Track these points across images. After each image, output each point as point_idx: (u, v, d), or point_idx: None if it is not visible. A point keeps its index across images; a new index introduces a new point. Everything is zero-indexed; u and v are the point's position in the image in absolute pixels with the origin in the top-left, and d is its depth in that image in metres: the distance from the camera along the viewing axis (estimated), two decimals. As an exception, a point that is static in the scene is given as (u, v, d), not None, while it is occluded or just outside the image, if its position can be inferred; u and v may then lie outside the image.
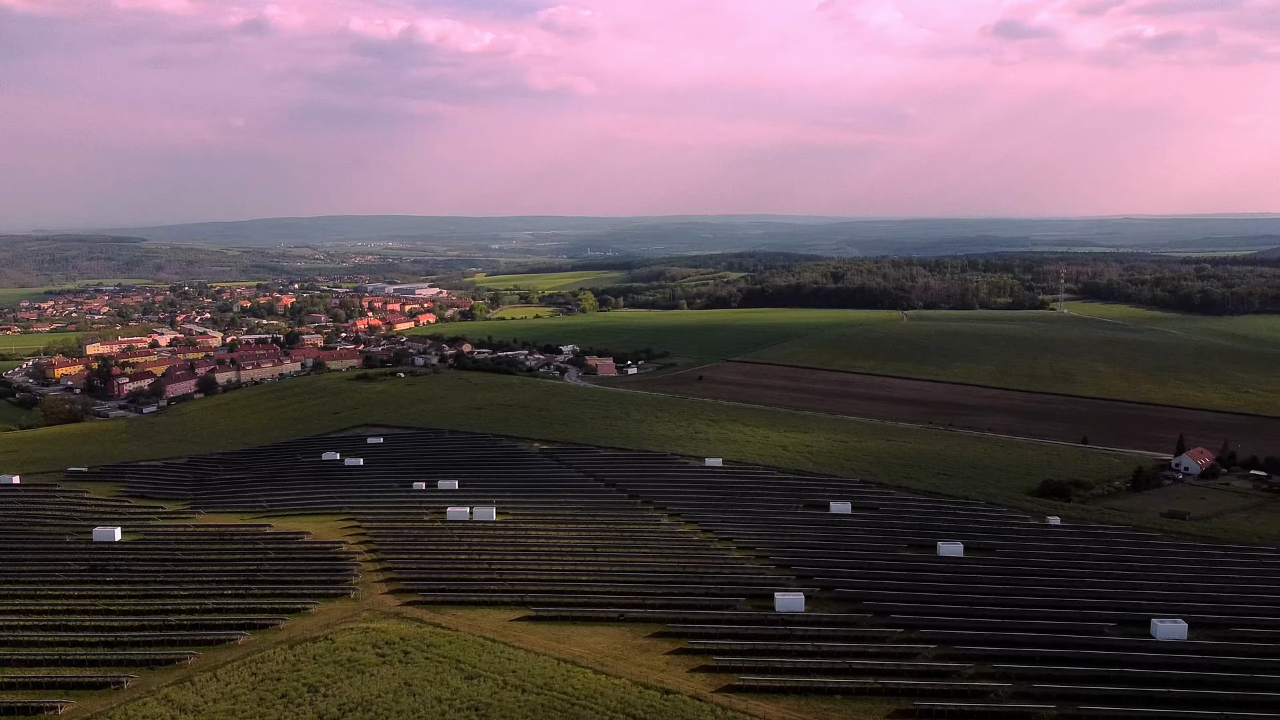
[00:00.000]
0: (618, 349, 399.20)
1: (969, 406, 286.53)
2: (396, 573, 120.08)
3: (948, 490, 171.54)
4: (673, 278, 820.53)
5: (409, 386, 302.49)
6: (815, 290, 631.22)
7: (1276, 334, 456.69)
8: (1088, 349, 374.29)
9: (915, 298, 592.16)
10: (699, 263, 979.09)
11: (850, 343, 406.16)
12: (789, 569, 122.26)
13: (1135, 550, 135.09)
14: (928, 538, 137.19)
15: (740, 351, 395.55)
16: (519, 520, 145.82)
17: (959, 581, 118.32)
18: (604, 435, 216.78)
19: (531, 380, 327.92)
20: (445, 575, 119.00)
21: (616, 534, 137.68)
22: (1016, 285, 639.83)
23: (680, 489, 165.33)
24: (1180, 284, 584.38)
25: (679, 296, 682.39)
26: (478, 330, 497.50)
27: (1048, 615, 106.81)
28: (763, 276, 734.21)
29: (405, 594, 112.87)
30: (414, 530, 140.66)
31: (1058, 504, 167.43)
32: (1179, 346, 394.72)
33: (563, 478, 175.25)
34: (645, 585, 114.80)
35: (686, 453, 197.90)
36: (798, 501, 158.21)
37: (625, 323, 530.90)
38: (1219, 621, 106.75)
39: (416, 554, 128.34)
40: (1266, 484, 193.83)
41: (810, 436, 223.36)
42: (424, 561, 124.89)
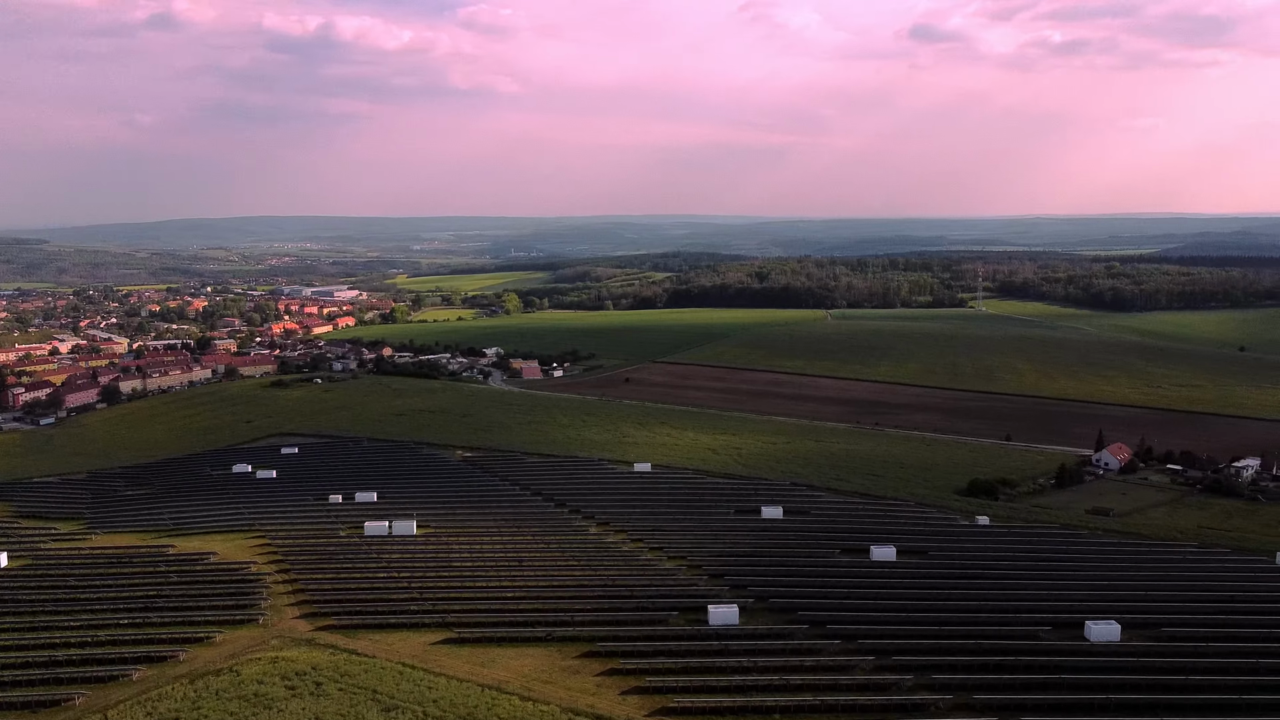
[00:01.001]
0: (543, 351, 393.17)
1: (895, 405, 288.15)
2: (309, 594, 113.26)
3: (878, 491, 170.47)
4: (598, 278, 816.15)
5: (326, 393, 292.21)
6: (741, 290, 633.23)
7: (1184, 330, 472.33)
8: (1007, 346, 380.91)
9: (839, 297, 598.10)
10: (624, 263, 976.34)
11: (777, 342, 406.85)
12: (722, 579, 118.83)
13: (1064, 549, 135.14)
14: (860, 542, 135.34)
15: (667, 352, 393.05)
16: (441, 534, 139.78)
17: (894, 587, 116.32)
18: (529, 441, 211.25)
19: (454, 384, 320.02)
20: (362, 596, 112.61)
21: (543, 546, 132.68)
22: (936, 284, 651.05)
23: (609, 496, 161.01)
24: (1092, 282, 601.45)
25: (604, 297, 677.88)
26: (399, 333, 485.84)
27: (984, 620, 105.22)
28: (688, 276, 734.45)
29: (318, 618, 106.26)
30: (329, 547, 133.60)
31: (986, 503, 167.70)
32: (1093, 343, 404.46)
33: (487, 487, 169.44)
34: (574, 601, 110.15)
35: (614, 458, 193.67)
36: (729, 507, 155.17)
37: (550, 324, 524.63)
38: (1150, 621, 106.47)
39: (331, 573, 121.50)
40: (1183, 478, 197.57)
41: (739, 438, 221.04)
42: (339, 581, 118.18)
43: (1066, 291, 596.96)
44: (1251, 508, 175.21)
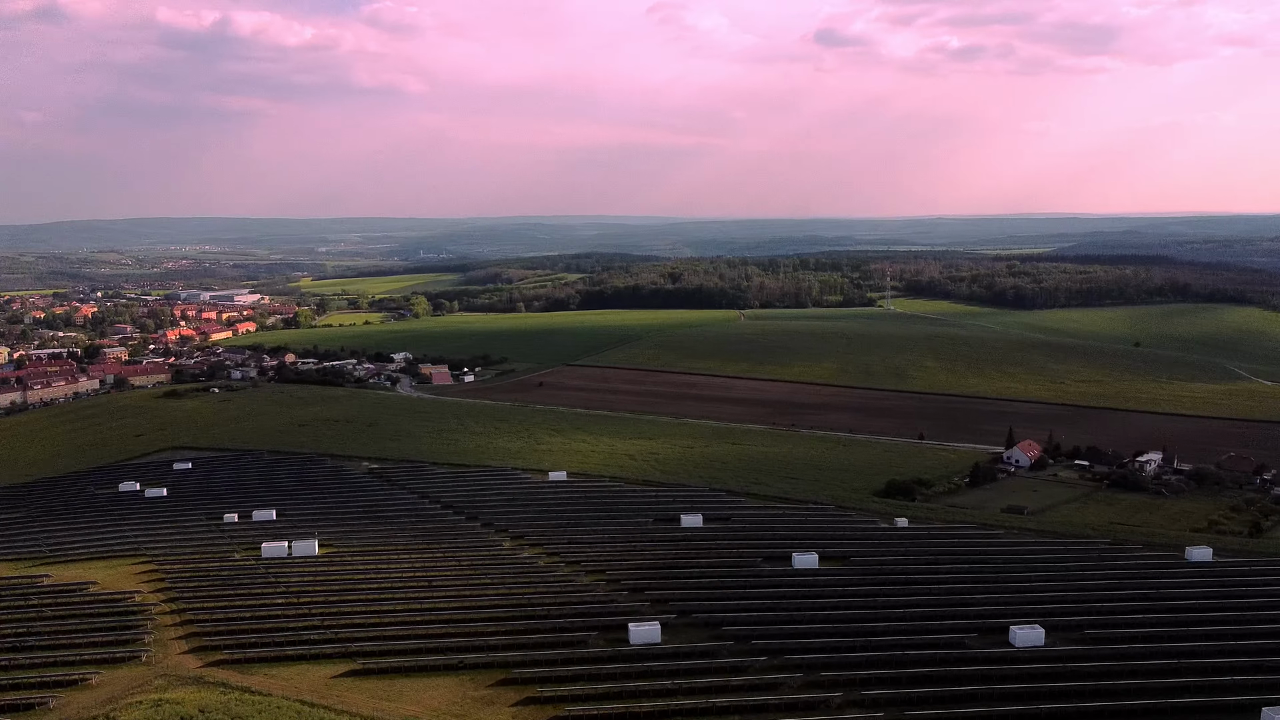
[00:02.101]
0: (453, 355, 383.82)
1: (810, 405, 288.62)
2: (200, 626, 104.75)
3: (797, 495, 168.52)
4: (509, 280, 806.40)
5: (224, 403, 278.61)
6: (654, 291, 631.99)
7: (1083, 327, 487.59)
8: (916, 345, 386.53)
9: (752, 297, 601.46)
10: (536, 264, 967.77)
11: (692, 343, 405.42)
12: (642, 594, 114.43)
13: (984, 550, 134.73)
14: (782, 548, 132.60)
15: (581, 355, 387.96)
16: (345, 554, 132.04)
17: (818, 597, 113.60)
18: (440, 451, 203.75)
19: (360, 392, 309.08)
20: (258, 626, 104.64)
21: (454, 564, 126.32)
22: (846, 283, 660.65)
23: (523, 508, 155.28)
24: (995, 281, 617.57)
25: (516, 299, 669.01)
26: (302, 339, 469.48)
27: (911, 629, 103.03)
28: (601, 278, 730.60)
29: (209, 651, 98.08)
30: (222, 572, 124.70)
31: (904, 504, 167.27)
32: (998, 341, 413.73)
33: (394, 501, 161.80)
34: (487, 623, 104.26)
35: (529, 466, 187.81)
36: (648, 516, 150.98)
37: (461, 327, 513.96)
38: (1072, 624, 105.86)
39: (224, 601, 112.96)
40: (1090, 474, 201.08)
41: (657, 443, 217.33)
42: (233, 610, 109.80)
43: (971, 290, 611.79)
44: (1156, 502, 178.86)
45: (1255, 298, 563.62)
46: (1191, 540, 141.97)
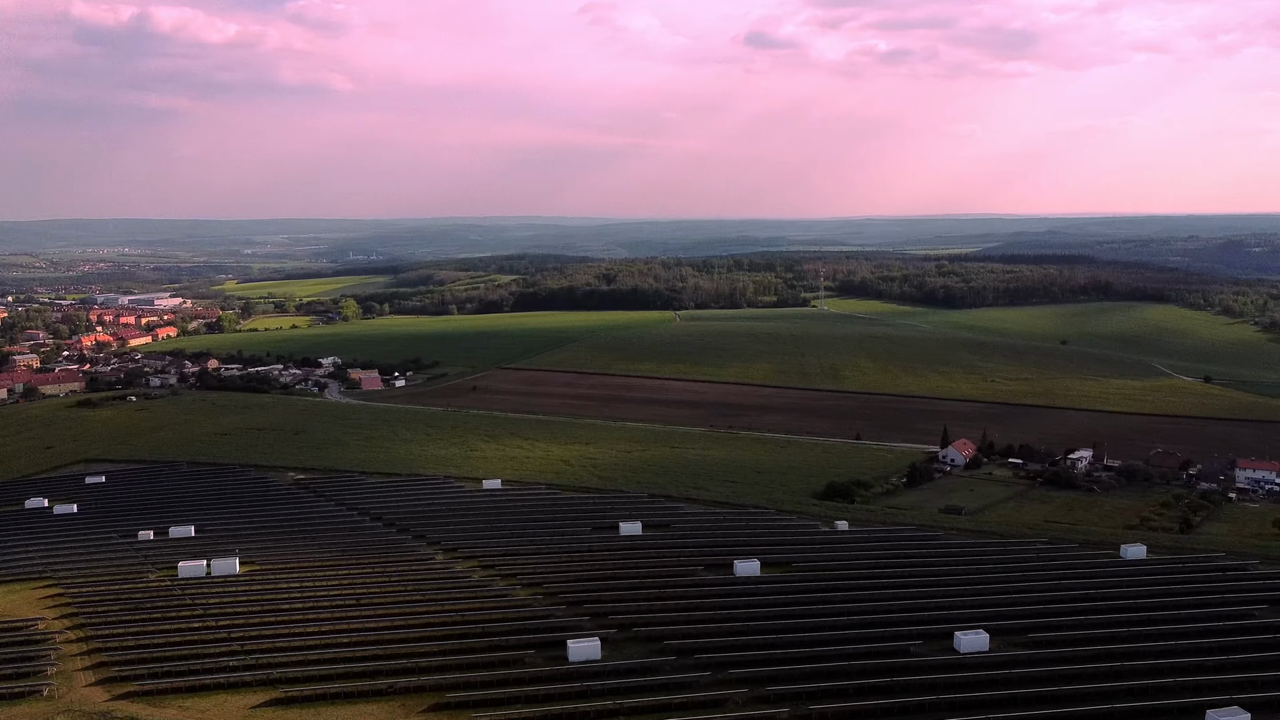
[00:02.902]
0: (384, 360, 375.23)
1: (747, 406, 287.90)
2: (109, 655, 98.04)
3: (737, 499, 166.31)
4: (441, 282, 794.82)
5: (141, 412, 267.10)
6: (589, 292, 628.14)
7: (1011, 325, 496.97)
8: (851, 345, 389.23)
9: (687, 298, 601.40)
10: (468, 265, 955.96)
11: (627, 345, 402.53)
12: (582, 607, 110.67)
13: (925, 553, 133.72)
14: (724, 555, 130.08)
15: (516, 358, 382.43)
16: (268, 571, 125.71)
17: (761, 605, 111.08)
18: (369, 459, 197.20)
19: (287, 398, 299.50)
20: (172, 653, 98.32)
21: (384, 580, 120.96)
22: (780, 284, 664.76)
23: (457, 519, 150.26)
24: (925, 280, 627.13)
25: (449, 301, 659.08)
26: (226, 344, 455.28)
27: (856, 638, 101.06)
28: (535, 279, 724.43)
29: (119, 683, 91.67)
30: (135, 595, 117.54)
31: (843, 506, 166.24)
32: (930, 340, 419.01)
33: (321, 514, 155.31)
34: (419, 644, 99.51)
35: (462, 474, 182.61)
36: (586, 524, 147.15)
37: (392, 331, 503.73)
38: (1016, 627, 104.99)
39: (136, 627, 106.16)
40: (1024, 472, 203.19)
41: (594, 448, 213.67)
42: (145, 636, 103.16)
43: (902, 290, 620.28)
44: (1089, 499, 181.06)
45: (1173, 296, 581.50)
46: (1126, 538, 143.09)
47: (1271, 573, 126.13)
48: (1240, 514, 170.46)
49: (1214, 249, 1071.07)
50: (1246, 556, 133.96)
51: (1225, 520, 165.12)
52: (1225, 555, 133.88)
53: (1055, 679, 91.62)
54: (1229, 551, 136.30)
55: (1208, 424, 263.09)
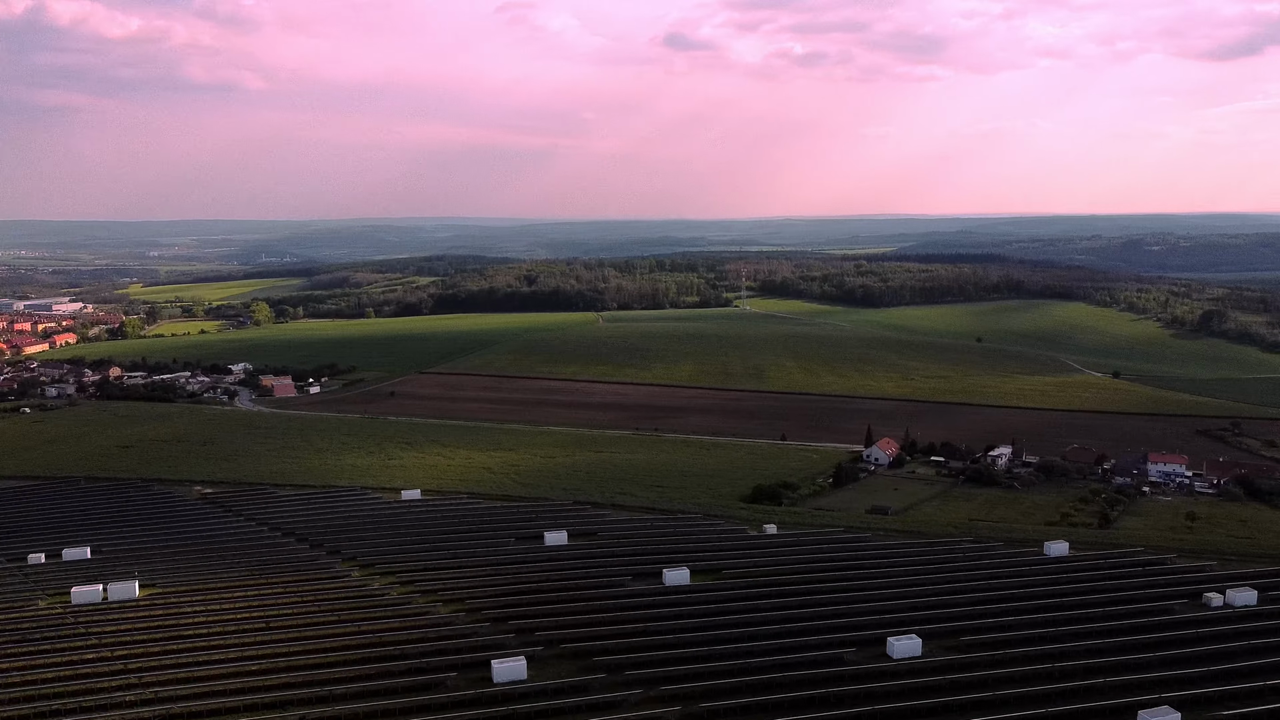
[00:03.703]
0: (298, 365, 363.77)
1: (671, 408, 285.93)
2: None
3: (664, 504, 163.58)
4: (358, 284, 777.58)
5: (36, 424, 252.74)
6: (510, 294, 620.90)
7: (928, 324, 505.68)
8: (774, 345, 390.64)
9: (609, 299, 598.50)
10: (386, 267, 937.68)
11: (550, 347, 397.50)
12: (506, 623, 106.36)
13: (854, 556, 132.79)
14: (652, 564, 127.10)
15: (435, 362, 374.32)
16: (170, 595, 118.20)
17: (692, 616, 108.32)
18: (282, 471, 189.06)
19: (194, 408, 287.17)
20: (63, 688, 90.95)
21: (296, 600, 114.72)
22: (702, 284, 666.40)
23: (374, 532, 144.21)
24: (844, 280, 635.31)
25: (366, 304, 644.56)
26: (130, 351, 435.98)
27: (789, 647, 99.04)
28: (455, 281, 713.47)
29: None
30: (23, 624, 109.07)
31: (771, 509, 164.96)
32: (851, 339, 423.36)
33: (230, 531, 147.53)
34: (333, 669, 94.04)
35: (380, 485, 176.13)
36: (509, 535, 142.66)
37: (306, 335, 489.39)
38: (947, 630, 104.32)
39: (23, 661, 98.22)
40: (946, 469, 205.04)
41: (517, 454, 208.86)
42: (33, 670, 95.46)
43: (822, 289, 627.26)
44: (1011, 495, 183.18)
45: (1081, 293, 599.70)
46: (1048, 535, 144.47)
47: (1188, 566, 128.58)
48: (1154, 508, 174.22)
49: (1116, 248, 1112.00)
50: (1164, 551, 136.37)
51: (1141, 514, 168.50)
52: (1144, 550, 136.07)
53: (988, 683, 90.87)
54: (1147, 546, 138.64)
55: (1119, 419, 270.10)
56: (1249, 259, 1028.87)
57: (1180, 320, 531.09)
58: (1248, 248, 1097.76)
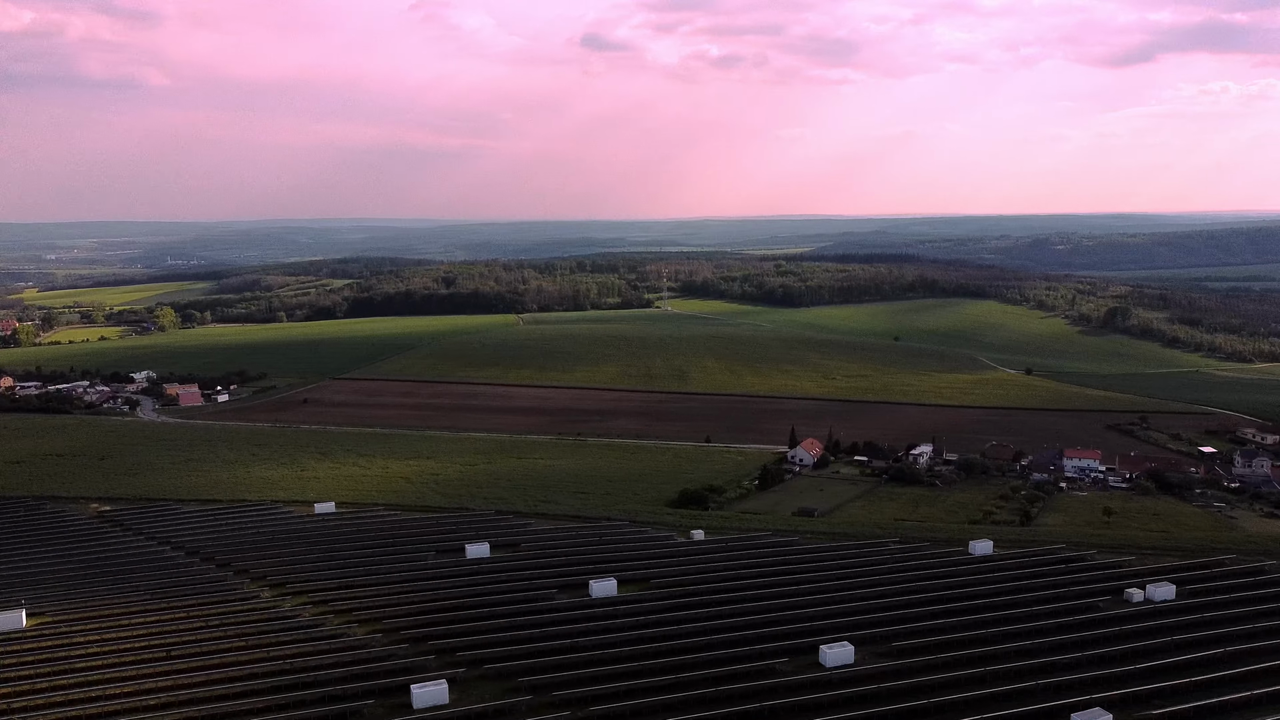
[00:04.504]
0: (205, 372, 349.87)
1: (595, 411, 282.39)
2: None
3: (589, 512, 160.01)
4: (269, 287, 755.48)
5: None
6: (428, 296, 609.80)
7: (846, 323, 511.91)
8: (696, 346, 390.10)
9: (530, 301, 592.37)
10: (298, 270, 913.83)
11: (470, 351, 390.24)
12: (426, 644, 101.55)
13: (783, 561, 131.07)
14: (578, 575, 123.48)
15: (351, 367, 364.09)
16: (61, 624, 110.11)
17: (621, 629, 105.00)
18: (187, 485, 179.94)
19: (92, 419, 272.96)
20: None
21: (200, 626, 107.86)
22: (623, 285, 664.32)
23: (285, 549, 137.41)
24: (764, 280, 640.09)
25: (277, 308, 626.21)
26: (23, 359, 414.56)
27: (722, 659, 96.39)
28: (370, 283, 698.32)
29: None
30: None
31: (698, 514, 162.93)
32: (772, 339, 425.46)
33: (129, 551, 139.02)
34: (241, 699, 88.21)
35: (292, 498, 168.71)
36: (429, 548, 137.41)
37: (214, 341, 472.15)
38: (879, 635, 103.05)
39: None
40: (870, 469, 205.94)
41: (437, 462, 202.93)
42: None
43: (743, 290, 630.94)
44: (934, 494, 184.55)
45: (993, 291, 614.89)
46: (972, 533, 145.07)
47: (1109, 562, 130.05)
48: (1072, 503, 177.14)
49: (1023, 247, 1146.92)
50: (1084, 547, 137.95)
51: (1059, 510, 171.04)
52: (1065, 546, 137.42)
53: (921, 690, 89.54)
54: (1068, 543, 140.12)
55: (1033, 415, 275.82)
56: (1148, 258, 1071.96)
57: (1087, 317, 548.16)
58: (1146, 247, 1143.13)
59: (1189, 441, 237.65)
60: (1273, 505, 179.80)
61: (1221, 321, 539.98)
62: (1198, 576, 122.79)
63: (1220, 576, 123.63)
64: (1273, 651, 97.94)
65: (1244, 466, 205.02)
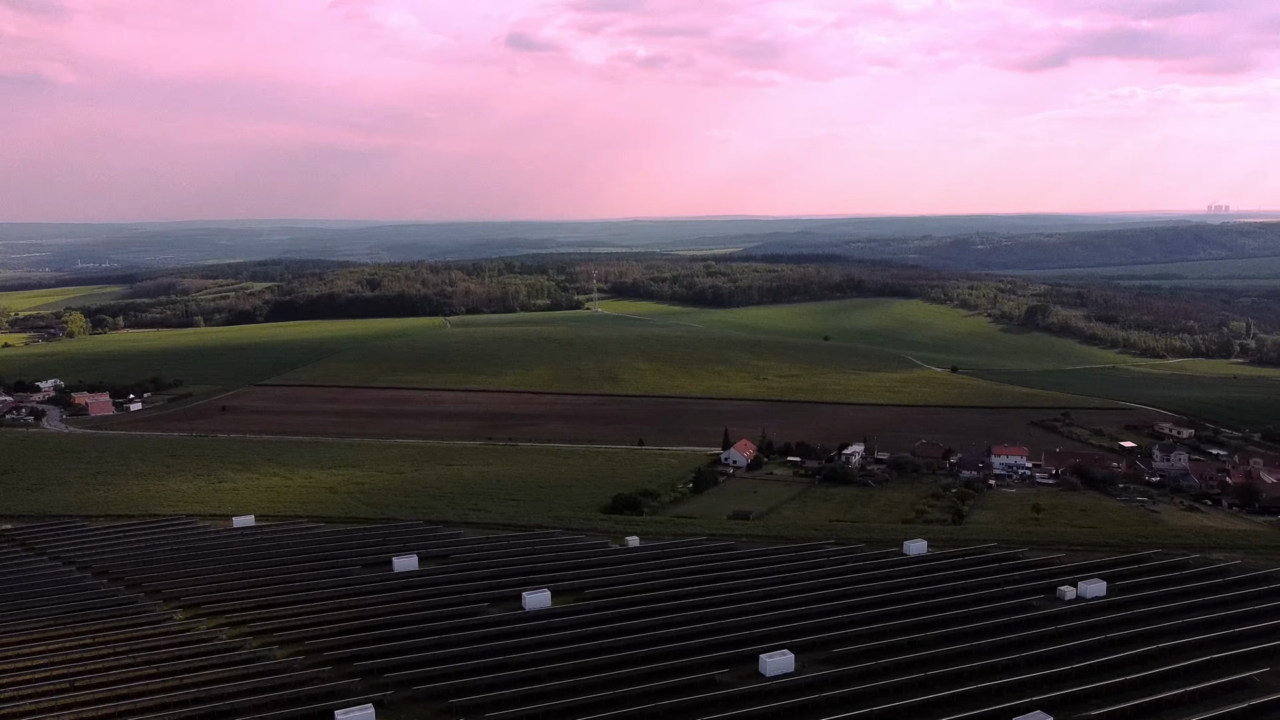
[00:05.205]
0: (117, 380, 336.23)
1: (526, 415, 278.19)
2: None
3: (521, 520, 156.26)
4: (186, 291, 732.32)
5: None
6: (352, 299, 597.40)
7: (776, 323, 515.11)
8: (627, 347, 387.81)
9: (457, 303, 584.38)
10: (217, 273, 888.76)
11: (396, 355, 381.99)
12: (351, 665, 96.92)
13: (720, 566, 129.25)
14: (511, 586, 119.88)
15: (272, 373, 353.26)
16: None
17: (556, 644, 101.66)
18: (95, 501, 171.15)
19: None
20: None
21: (108, 654, 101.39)
22: (553, 286, 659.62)
23: (201, 567, 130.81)
24: (694, 281, 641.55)
25: (194, 312, 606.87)
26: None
27: (662, 671, 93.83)
28: (292, 286, 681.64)
29: None
30: None
31: (632, 519, 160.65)
32: (703, 340, 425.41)
33: (31, 573, 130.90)
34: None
35: (209, 512, 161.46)
36: (355, 562, 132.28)
37: (127, 347, 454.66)
38: (819, 641, 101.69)
39: None
40: (803, 469, 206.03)
41: (362, 471, 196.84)
42: None
43: (673, 290, 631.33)
44: (867, 493, 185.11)
45: (917, 291, 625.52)
46: (906, 533, 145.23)
47: (1040, 560, 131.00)
48: (1001, 500, 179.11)
49: (945, 247, 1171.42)
50: (1016, 544, 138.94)
51: (990, 507, 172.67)
52: (998, 545, 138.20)
53: (863, 698, 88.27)
54: (1000, 541, 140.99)
55: (960, 412, 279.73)
56: (1064, 256, 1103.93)
57: (1008, 315, 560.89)
58: (1062, 246, 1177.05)
59: (1110, 437, 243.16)
60: (1192, 498, 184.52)
61: (1135, 319, 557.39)
62: (1126, 572, 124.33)
63: (1147, 571, 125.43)
64: (1202, 646, 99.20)
65: (1163, 461, 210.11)
